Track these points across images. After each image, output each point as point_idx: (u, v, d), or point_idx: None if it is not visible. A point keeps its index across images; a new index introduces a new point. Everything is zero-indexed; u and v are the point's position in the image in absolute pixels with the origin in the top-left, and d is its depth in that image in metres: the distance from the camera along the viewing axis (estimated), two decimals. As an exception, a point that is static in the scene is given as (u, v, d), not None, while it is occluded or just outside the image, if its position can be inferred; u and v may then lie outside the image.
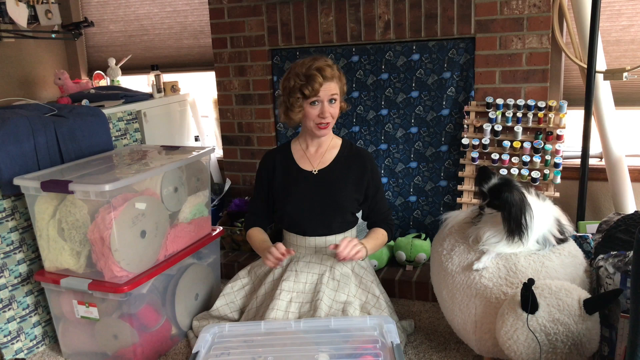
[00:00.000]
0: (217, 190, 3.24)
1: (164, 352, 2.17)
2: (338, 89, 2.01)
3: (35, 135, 2.14)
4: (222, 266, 2.68)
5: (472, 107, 2.61)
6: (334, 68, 2.00)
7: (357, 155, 2.12)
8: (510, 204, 1.72)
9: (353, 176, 2.09)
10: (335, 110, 2.03)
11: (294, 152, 2.15)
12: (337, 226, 2.08)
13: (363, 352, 1.65)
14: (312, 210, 2.07)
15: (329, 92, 1.98)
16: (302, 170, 2.11)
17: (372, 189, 2.11)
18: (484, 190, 1.80)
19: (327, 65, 1.98)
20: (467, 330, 1.83)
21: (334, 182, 2.08)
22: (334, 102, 2.01)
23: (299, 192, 2.08)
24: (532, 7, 2.45)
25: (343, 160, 2.11)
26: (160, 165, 2.12)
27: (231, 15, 3.00)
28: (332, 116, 2.02)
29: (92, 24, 3.29)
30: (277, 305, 1.95)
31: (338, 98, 2.02)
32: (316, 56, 2.03)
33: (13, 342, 2.11)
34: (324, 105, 1.99)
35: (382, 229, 2.12)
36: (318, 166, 2.11)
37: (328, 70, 1.97)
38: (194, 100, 3.43)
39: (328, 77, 1.97)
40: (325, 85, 1.96)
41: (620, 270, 1.68)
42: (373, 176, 2.11)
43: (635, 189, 2.54)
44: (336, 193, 2.06)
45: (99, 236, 1.89)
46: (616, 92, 2.54)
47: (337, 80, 2.00)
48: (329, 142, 2.14)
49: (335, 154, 2.12)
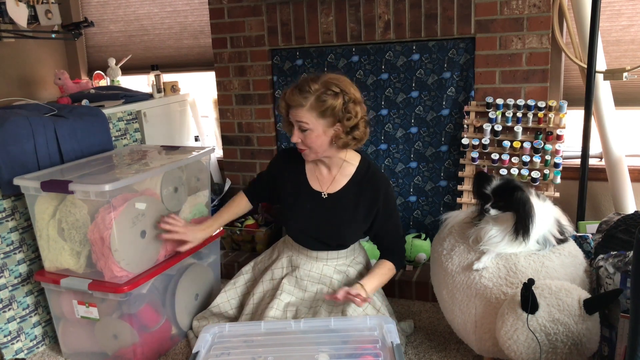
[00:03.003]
0: (217, 190, 3.24)
1: (164, 352, 2.17)
2: (311, 118, 1.82)
3: (35, 135, 2.14)
4: (222, 266, 2.68)
5: (472, 107, 2.61)
6: (317, 95, 1.80)
7: (371, 181, 1.96)
8: (524, 201, 1.73)
9: (362, 205, 1.96)
10: (307, 140, 1.85)
11: (307, 167, 2.04)
12: (338, 247, 2.03)
13: (363, 352, 1.65)
14: (313, 232, 2.01)
15: (295, 118, 1.85)
16: (311, 190, 2.01)
17: (381, 217, 1.97)
18: (486, 192, 1.79)
19: (299, 91, 1.81)
20: (467, 330, 1.83)
21: (340, 210, 1.97)
22: (304, 130, 1.85)
23: (303, 213, 2.01)
24: (532, 7, 2.45)
25: (355, 186, 1.97)
26: (160, 165, 2.12)
27: (231, 15, 3.00)
28: (305, 144, 1.87)
29: (92, 24, 3.28)
30: (276, 305, 1.95)
31: (310, 128, 1.83)
32: (311, 76, 1.86)
33: (13, 342, 2.11)
34: (294, 129, 1.87)
35: (390, 261, 1.99)
36: (328, 190, 1.99)
37: (295, 98, 1.82)
38: (194, 100, 3.43)
39: (292, 104, 1.84)
40: (291, 111, 1.86)
41: (620, 270, 1.68)
42: (385, 204, 1.96)
43: (635, 189, 2.54)
44: (340, 223, 1.97)
45: (99, 236, 1.89)
46: (616, 92, 2.54)
47: (311, 109, 1.82)
48: (338, 166, 1.98)
49: (347, 180, 1.98)
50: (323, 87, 1.83)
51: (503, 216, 1.78)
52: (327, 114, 1.83)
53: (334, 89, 1.83)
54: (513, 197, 1.74)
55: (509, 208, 1.76)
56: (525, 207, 1.73)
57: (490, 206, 1.78)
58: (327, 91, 1.82)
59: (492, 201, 1.79)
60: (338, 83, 1.85)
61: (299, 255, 2.09)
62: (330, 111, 1.83)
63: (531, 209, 1.73)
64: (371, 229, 2.01)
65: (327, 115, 1.83)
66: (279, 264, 2.11)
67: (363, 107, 1.91)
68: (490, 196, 1.79)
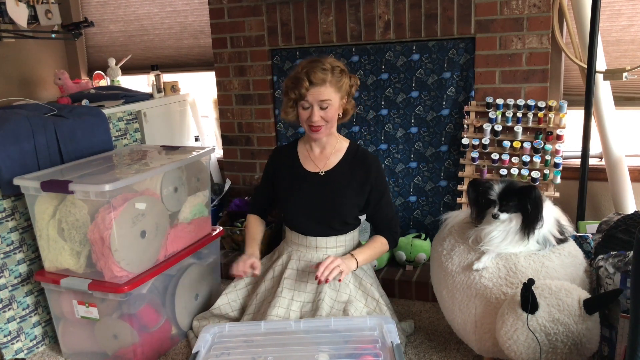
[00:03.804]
0: (217, 190, 3.24)
1: (164, 352, 2.17)
2: (332, 93, 1.93)
3: (35, 135, 2.14)
4: (222, 266, 2.68)
5: (472, 107, 2.61)
6: (332, 72, 1.92)
7: (362, 159, 2.06)
8: (540, 199, 1.74)
9: (356, 181, 2.04)
10: (328, 114, 1.95)
11: (300, 153, 2.12)
12: (337, 228, 2.06)
13: (363, 352, 1.65)
14: (311, 213, 2.05)
15: (317, 97, 1.91)
16: (306, 172, 2.08)
17: (375, 194, 2.05)
18: (492, 198, 1.78)
19: (320, 69, 1.91)
20: (467, 330, 1.83)
21: (336, 186, 2.04)
22: (326, 108, 1.94)
23: (301, 194, 2.06)
24: (532, 7, 2.45)
25: (347, 164, 2.06)
26: (160, 165, 2.12)
27: (231, 15, 3.00)
28: (325, 119, 1.96)
29: (92, 24, 3.28)
30: (279, 303, 1.95)
31: (332, 103, 1.94)
32: (316, 58, 1.98)
33: (13, 342, 2.11)
34: (313, 109, 1.93)
35: (384, 237, 2.07)
36: (324, 168, 2.07)
37: (319, 74, 1.90)
38: (194, 100, 3.43)
39: (316, 82, 1.90)
40: (312, 90, 1.91)
41: (620, 270, 1.68)
42: (377, 182, 2.05)
43: (635, 189, 2.54)
44: (335, 198, 2.03)
45: (99, 236, 1.89)
46: (616, 92, 2.54)
47: (331, 85, 1.92)
48: (333, 145, 2.08)
49: (340, 157, 2.07)
50: (332, 65, 1.95)
51: (508, 217, 1.79)
52: (341, 89, 1.97)
53: (340, 66, 1.98)
54: (528, 196, 1.74)
55: (516, 209, 1.77)
56: (539, 206, 1.73)
57: (499, 211, 1.78)
58: (337, 68, 1.96)
59: (499, 206, 1.78)
60: (337, 63, 1.98)
61: (299, 247, 2.10)
62: (343, 86, 1.98)
63: (542, 207, 1.75)
64: (368, 206, 2.07)
65: (341, 90, 1.97)
66: (279, 262, 2.12)
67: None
68: (497, 201, 1.78)
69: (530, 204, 1.74)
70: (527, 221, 1.75)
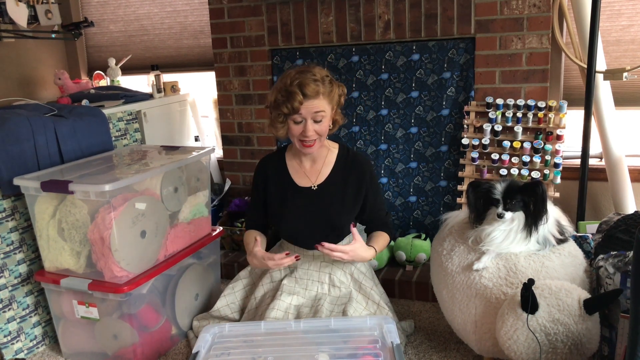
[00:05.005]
0: (217, 190, 3.24)
1: (164, 352, 2.17)
2: (326, 105, 1.87)
3: (35, 135, 2.14)
4: (222, 266, 2.68)
5: (472, 107, 2.61)
6: (323, 82, 1.85)
7: (354, 164, 2.02)
8: (546, 194, 1.74)
9: (351, 188, 2.00)
10: (321, 128, 1.89)
11: (290, 166, 2.05)
12: (334, 238, 2.01)
13: (363, 352, 1.65)
14: (307, 228, 2.01)
15: (311, 110, 1.84)
16: (298, 187, 2.02)
17: (371, 196, 2.03)
18: (496, 197, 1.78)
19: (312, 80, 1.83)
20: (467, 330, 1.83)
21: (330, 199, 1.99)
22: (320, 120, 1.87)
23: (295, 210, 2.01)
24: (532, 7, 2.45)
25: (340, 173, 2.01)
26: (160, 165, 2.13)
27: (231, 15, 3.00)
28: (318, 133, 1.89)
29: (92, 24, 3.29)
30: (277, 305, 1.95)
31: (326, 115, 1.88)
32: (305, 67, 1.90)
33: (13, 342, 2.11)
34: (307, 123, 1.86)
35: (384, 232, 2.07)
36: (316, 181, 2.02)
37: (311, 86, 1.82)
38: (194, 100, 3.43)
39: (310, 94, 1.82)
40: (307, 103, 1.83)
41: (620, 270, 1.68)
42: (372, 183, 2.03)
43: (635, 189, 2.54)
44: (333, 212, 1.99)
45: (99, 236, 1.89)
46: (616, 92, 2.54)
47: (324, 96, 1.86)
48: (324, 156, 2.03)
49: (332, 167, 2.02)
50: (322, 75, 1.88)
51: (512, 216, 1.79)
52: (332, 100, 1.91)
53: (329, 75, 1.91)
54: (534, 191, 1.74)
55: (521, 207, 1.77)
56: (545, 201, 1.74)
57: (504, 209, 1.77)
58: (327, 78, 1.89)
59: (503, 204, 1.78)
60: (325, 72, 1.91)
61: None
62: (334, 96, 1.91)
63: (547, 203, 1.75)
64: (364, 209, 2.04)
65: (332, 101, 1.91)
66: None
67: None
68: (500, 200, 1.78)
69: (537, 200, 1.74)
70: (532, 218, 1.75)
